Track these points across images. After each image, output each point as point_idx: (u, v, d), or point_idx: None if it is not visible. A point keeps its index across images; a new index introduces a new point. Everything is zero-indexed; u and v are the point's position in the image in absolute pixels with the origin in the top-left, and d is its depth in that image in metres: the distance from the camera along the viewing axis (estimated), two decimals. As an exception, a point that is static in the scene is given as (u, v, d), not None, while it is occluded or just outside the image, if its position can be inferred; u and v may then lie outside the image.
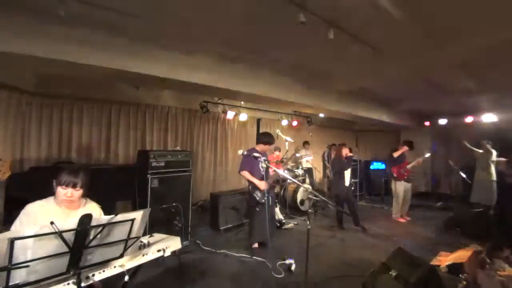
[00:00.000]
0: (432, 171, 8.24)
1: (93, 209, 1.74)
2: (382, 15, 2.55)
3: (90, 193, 1.82)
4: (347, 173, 4.62)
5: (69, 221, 1.22)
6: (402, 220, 5.08)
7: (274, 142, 3.53)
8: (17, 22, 2.49)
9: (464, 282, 2.56)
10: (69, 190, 1.55)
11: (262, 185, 3.17)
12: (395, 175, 5.06)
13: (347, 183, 4.57)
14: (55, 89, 4.36)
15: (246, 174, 3.25)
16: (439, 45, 3.27)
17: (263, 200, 3.18)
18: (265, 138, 3.44)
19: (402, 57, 3.67)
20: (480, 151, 5.60)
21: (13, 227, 1.50)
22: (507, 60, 3.69)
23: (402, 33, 2.93)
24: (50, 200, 1.62)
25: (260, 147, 3.42)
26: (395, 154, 5.18)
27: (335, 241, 3.90)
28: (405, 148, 5.22)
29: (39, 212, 1.54)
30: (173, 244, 1.86)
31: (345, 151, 4.57)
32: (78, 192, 1.59)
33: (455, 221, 4.45)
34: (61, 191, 1.55)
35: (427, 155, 5.16)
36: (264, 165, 3.08)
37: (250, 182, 3.27)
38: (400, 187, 5.04)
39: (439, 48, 3.32)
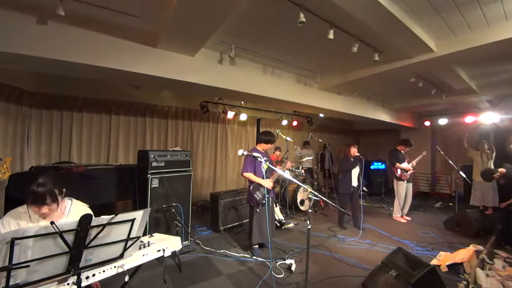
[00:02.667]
0: (432, 171, 8.24)
1: (79, 211, 1.63)
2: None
3: (90, 194, 1.81)
4: (355, 173, 4.61)
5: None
6: (402, 220, 5.08)
7: (275, 141, 3.50)
8: (17, 21, 2.49)
9: (464, 282, 2.56)
10: (42, 208, 1.42)
11: (268, 183, 3.16)
12: (397, 175, 5.06)
13: (354, 183, 4.56)
14: (55, 89, 4.36)
15: (250, 175, 3.24)
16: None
17: (263, 201, 3.18)
18: (266, 137, 3.40)
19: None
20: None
21: None
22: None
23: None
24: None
25: (261, 146, 3.40)
26: (399, 147, 5.21)
27: (335, 241, 3.90)
28: (403, 147, 5.23)
29: (19, 222, 1.47)
30: (173, 244, 1.85)
31: (353, 150, 4.58)
32: (53, 205, 1.45)
33: (455, 221, 4.45)
34: (34, 209, 1.43)
35: (424, 153, 5.18)
36: (266, 166, 3.07)
37: (251, 182, 3.26)
38: (402, 187, 5.04)
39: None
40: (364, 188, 4.78)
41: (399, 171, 5.04)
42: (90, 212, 1.69)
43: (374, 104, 6.81)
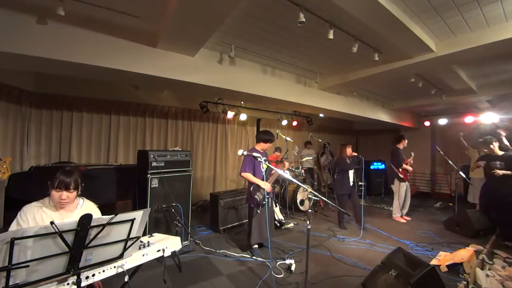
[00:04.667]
0: (432, 171, 8.25)
1: (90, 209, 1.73)
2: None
3: (90, 194, 1.82)
4: (351, 173, 4.62)
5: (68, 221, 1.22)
6: (402, 220, 5.08)
7: (274, 140, 3.49)
8: (17, 21, 2.49)
9: (464, 282, 2.56)
10: (63, 193, 1.55)
11: (267, 186, 3.14)
12: (401, 176, 5.03)
13: (351, 182, 4.57)
14: (55, 89, 4.36)
15: (248, 175, 3.22)
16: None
17: (264, 202, 3.17)
18: (265, 136, 3.37)
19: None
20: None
21: (11, 227, 1.49)
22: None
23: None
24: (46, 201, 1.61)
25: (260, 146, 3.38)
26: (399, 145, 5.19)
27: (335, 241, 3.90)
28: (403, 143, 5.22)
29: (34, 215, 1.54)
30: (173, 244, 1.85)
31: (349, 150, 4.58)
32: (72, 193, 1.59)
33: (455, 221, 4.45)
34: (55, 194, 1.55)
35: (412, 154, 5.23)
36: (265, 166, 3.07)
37: (251, 183, 3.24)
38: (403, 187, 5.04)
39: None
40: (360, 183, 4.79)
41: (400, 170, 5.03)
42: (99, 212, 1.77)
43: (374, 104, 6.81)
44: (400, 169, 5.02)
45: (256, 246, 3.40)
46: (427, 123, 7.85)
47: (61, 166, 1.60)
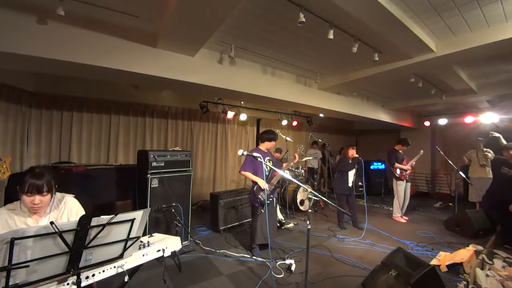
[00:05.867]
0: (432, 171, 8.25)
1: (64, 203, 1.60)
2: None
3: (90, 194, 1.81)
4: (351, 174, 4.62)
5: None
6: (402, 220, 5.09)
7: (277, 138, 3.51)
8: (17, 21, 2.49)
9: (464, 282, 2.57)
10: (36, 197, 1.41)
11: (262, 184, 3.14)
12: (397, 174, 5.06)
13: (350, 183, 4.58)
14: (55, 89, 4.36)
15: (248, 173, 3.22)
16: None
17: (267, 201, 3.17)
18: (269, 135, 3.40)
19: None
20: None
21: None
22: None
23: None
24: (18, 205, 1.49)
25: (264, 146, 3.39)
26: (396, 147, 5.21)
27: (335, 241, 3.90)
28: (401, 146, 5.23)
29: (7, 219, 1.44)
30: (173, 244, 1.85)
31: (352, 152, 4.59)
32: (46, 197, 1.45)
33: (455, 221, 4.45)
34: (26, 199, 1.40)
35: (421, 152, 5.18)
36: (268, 166, 3.06)
37: (255, 183, 3.23)
38: (401, 187, 5.05)
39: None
40: (360, 183, 4.79)
41: (398, 171, 5.05)
42: (76, 201, 1.67)
43: (374, 104, 6.82)
44: (398, 170, 5.03)
45: (256, 246, 3.39)
46: (427, 123, 7.84)
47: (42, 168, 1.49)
